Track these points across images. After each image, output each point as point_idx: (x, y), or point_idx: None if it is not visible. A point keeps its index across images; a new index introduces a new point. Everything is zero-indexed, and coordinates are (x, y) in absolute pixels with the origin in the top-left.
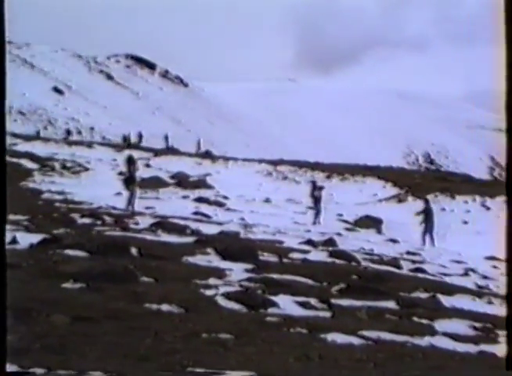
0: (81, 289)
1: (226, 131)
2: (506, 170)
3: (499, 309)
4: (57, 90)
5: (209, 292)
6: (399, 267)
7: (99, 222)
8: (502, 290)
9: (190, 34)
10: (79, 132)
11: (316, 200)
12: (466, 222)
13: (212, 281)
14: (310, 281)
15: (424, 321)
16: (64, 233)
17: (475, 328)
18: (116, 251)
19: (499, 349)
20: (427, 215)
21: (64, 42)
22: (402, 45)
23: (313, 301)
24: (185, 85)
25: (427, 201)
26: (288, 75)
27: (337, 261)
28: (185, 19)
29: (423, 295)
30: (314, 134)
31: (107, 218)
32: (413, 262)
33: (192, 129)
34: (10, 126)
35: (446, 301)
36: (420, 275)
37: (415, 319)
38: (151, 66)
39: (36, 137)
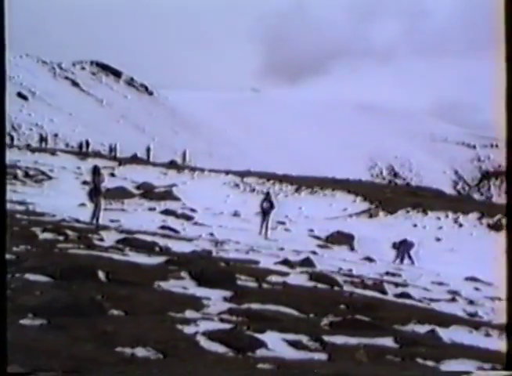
0: (41, 327)
1: (190, 141)
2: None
3: (499, 344)
4: (21, 95)
5: (188, 330)
6: (384, 292)
7: (61, 238)
8: (492, 317)
9: (157, 42)
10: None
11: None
12: (439, 239)
13: (189, 314)
14: (295, 312)
15: (429, 363)
16: (25, 252)
17: (485, 369)
18: (81, 275)
19: None
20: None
21: (29, 48)
22: (370, 56)
23: (304, 338)
24: (150, 93)
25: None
26: (255, 85)
27: (319, 285)
28: (152, 28)
29: (420, 328)
30: (278, 145)
31: (70, 233)
32: (396, 284)
33: (156, 138)
34: None
35: (444, 334)
36: (408, 301)
37: (419, 360)
38: (116, 73)
39: None
